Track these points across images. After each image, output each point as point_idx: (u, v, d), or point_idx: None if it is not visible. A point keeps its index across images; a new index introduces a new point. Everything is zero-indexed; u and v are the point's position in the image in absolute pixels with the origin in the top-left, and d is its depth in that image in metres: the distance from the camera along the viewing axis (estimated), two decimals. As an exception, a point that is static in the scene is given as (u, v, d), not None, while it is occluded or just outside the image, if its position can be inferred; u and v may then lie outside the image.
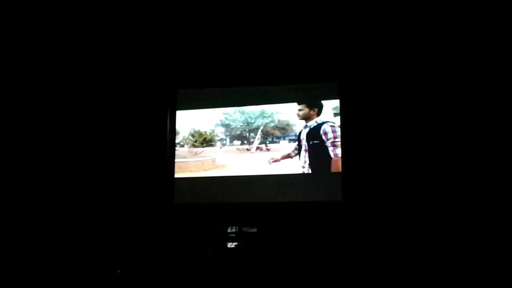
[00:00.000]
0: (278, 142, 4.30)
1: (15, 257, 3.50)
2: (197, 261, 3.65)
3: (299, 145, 4.23)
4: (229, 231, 4.00)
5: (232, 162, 4.31)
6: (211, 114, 4.43)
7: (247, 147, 4.34)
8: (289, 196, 4.11)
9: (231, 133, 4.39)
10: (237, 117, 4.40)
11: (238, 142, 4.36)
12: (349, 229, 3.80)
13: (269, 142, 4.31)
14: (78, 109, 4.13)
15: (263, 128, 4.34)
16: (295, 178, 4.17)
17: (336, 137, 4.13)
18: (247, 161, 4.28)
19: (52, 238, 3.70)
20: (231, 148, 4.36)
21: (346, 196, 3.97)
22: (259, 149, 4.31)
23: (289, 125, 4.30)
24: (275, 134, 4.31)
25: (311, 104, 4.27)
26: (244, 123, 4.38)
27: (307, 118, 4.27)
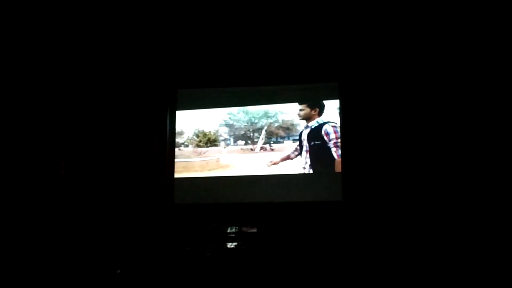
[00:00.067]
0: (282, 142, 4.28)
1: (15, 257, 3.50)
2: (197, 261, 3.64)
3: (300, 146, 4.22)
4: (229, 231, 4.00)
5: (236, 162, 4.30)
6: (215, 114, 4.42)
7: (251, 147, 4.33)
8: (289, 196, 4.10)
9: (235, 133, 4.38)
10: (241, 117, 4.40)
11: (242, 142, 4.35)
12: (349, 229, 3.79)
13: (273, 142, 4.30)
14: (78, 109, 4.13)
15: (267, 128, 4.33)
16: (296, 178, 4.16)
17: (338, 138, 4.12)
18: (251, 161, 4.27)
19: (51, 238, 3.70)
20: (235, 148, 4.36)
21: (346, 196, 3.96)
22: (263, 149, 4.30)
23: (293, 125, 4.29)
24: (279, 134, 4.30)
25: (312, 104, 4.26)
26: (248, 123, 4.37)
27: (308, 118, 4.26)
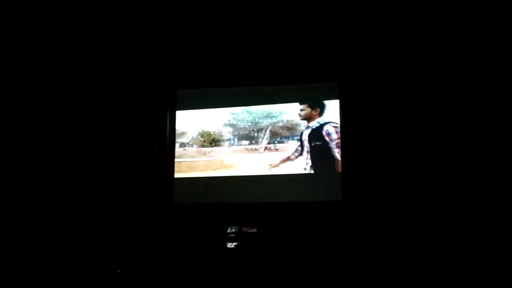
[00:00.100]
0: (286, 142, 4.27)
1: (15, 257, 3.50)
2: (197, 261, 3.64)
3: (301, 146, 4.21)
4: (229, 231, 4.00)
5: (240, 162, 4.29)
6: (218, 114, 4.42)
7: (255, 147, 4.32)
8: (289, 196, 4.09)
9: (239, 133, 4.37)
10: (245, 117, 4.39)
11: (246, 142, 4.34)
12: (349, 229, 3.79)
13: (277, 142, 4.28)
14: (77, 109, 4.14)
15: (271, 128, 4.32)
16: (297, 178, 4.15)
17: (340, 138, 4.11)
18: (255, 161, 4.26)
19: (51, 238, 3.71)
20: (239, 148, 4.35)
21: (346, 196, 3.96)
22: (267, 149, 4.29)
23: (297, 125, 4.27)
24: (283, 134, 4.29)
25: (312, 104, 4.25)
26: (251, 123, 4.36)
27: (309, 118, 4.24)
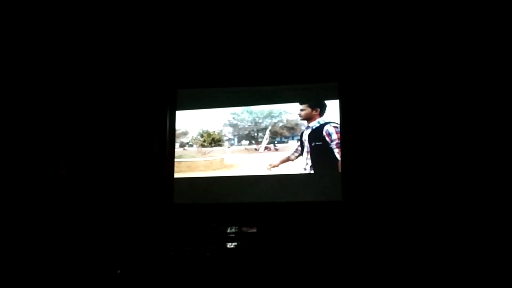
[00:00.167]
0: (286, 142, 4.26)
1: (15, 257, 3.50)
2: (197, 261, 3.64)
3: (302, 146, 4.20)
4: (228, 231, 4.00)
5: (240, 162, 4.29)
6: (219, 114, 4.41)
7: (255, 147, 4.32)
8: (289, 196, 4.08)
9: (239, 133, 4.37)
10: (245, 117, 4.38)
11: (246, 142, 4.34)
12: (349, 229, 3.79)
13: (278, 142, 4.28)
14: (77, 109, 4.14)
15: (272, 128, 4.31)
16: (297, 178, 4.14)
17: (340, 138, 4.09)
18: (255, 161, 4.26)
19: (51, 238, 3.70)
20: (239, 148, 4.34)
21: (346, 196, 3.95)
22: (268, 149, 4.28)
23: (297, 125, 4.27)
24: (283, 134, 4.29)
25: (313, 104, 4.24)
26: (252, 123, 4.36)
27: (309, 118, 4.24)
